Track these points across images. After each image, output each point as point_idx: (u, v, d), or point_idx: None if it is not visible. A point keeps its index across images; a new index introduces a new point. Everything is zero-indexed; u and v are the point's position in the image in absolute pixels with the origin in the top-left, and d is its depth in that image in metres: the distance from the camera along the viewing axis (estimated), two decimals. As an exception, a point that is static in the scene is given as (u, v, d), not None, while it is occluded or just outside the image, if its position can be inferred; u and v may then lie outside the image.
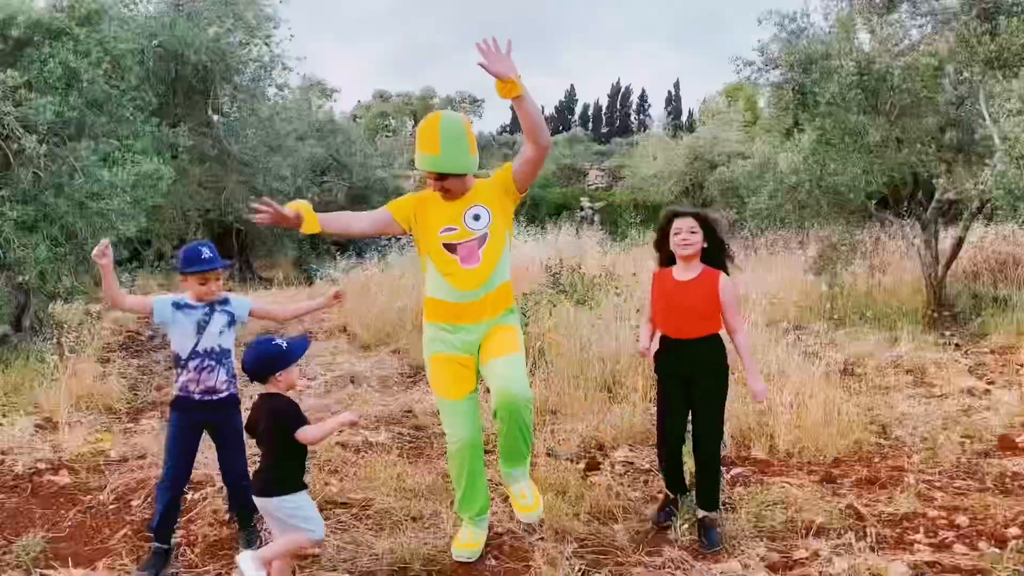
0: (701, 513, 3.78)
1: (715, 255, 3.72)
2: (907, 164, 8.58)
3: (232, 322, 3.64)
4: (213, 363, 3.55)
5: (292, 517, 3.13)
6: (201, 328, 3.54)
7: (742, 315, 3.88)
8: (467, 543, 3.61)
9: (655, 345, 3.86)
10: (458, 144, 3.37)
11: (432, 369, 3.60)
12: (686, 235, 3.64)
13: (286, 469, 3.15)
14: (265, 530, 3.72)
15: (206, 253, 3.54)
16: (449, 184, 3.45)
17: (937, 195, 9.02)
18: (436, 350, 3.58)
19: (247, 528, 3.75)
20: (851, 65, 8.24)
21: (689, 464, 4.10)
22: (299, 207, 3.39)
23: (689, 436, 3.87)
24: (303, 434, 3.11)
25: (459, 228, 3.48)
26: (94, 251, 3.34)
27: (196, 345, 3.54)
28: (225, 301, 3.65)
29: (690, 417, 3.79)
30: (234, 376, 3.66)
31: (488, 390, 3.54)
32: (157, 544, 3.55)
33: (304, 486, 3.21)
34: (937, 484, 4.42)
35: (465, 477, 3.56)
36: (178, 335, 3.55)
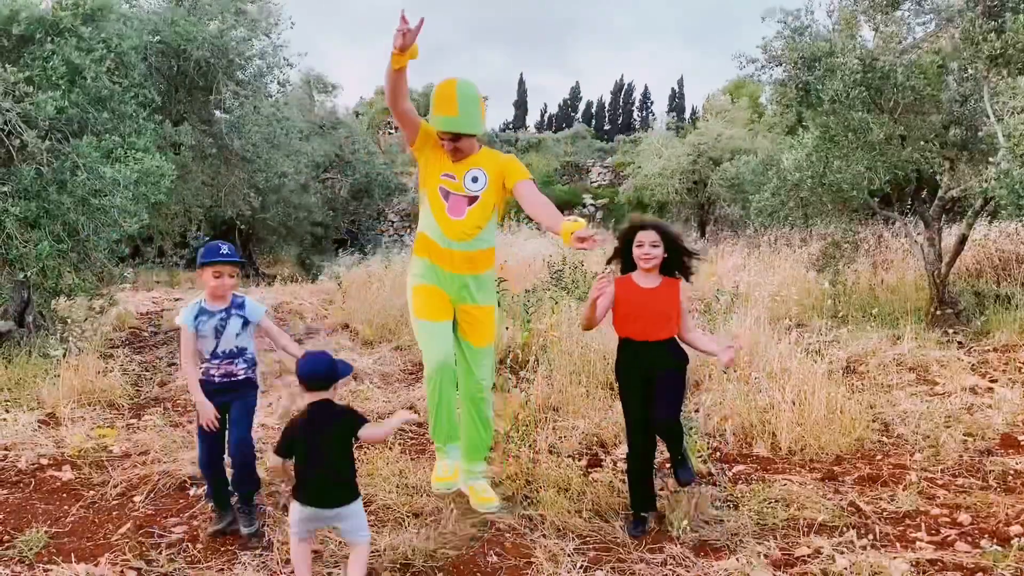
0: (677, 486, 3.97)
1: (673, 265, 3.85)
2: (910, 162, 8.56)
3: (246, 323, 3.87)
4: (232, 359, 3.84)
5: (360, 519, 3.23)
6: (219, 333, 3.81)
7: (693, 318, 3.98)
8: (443, 476, 3.86)
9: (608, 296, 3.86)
10: (474, 106, 3.68)
11: (416, 296, 3.84)
12: (648, 248, 3.78)
13: (354, 473, 3.26)
14: (264, 507, 4.10)
15: (223, 249, 3.81)
16: (462, 144, 3.74)
17: (940, 193, 8.99)
18: (423, 281, 3.87)
19: (248, 505, 3.90)
20: (854, 62, 8.22)
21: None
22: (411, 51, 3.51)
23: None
24: (367, 433, 3.21)
25: (457, 179, 3.80)
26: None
27: (216, 347, 3.82)
28: (241, 305, 3.88)
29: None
30: (254, 365, 3.94)
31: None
32: (218, 510, 3.94)
33: (295, 497, 3.24)
34: (939, 482, 4.41)
35: (438, 398, 3.78)
36: (200, 339, 3.82)
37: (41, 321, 7.92)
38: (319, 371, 3.21)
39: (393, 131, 36.57)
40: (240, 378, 3.86)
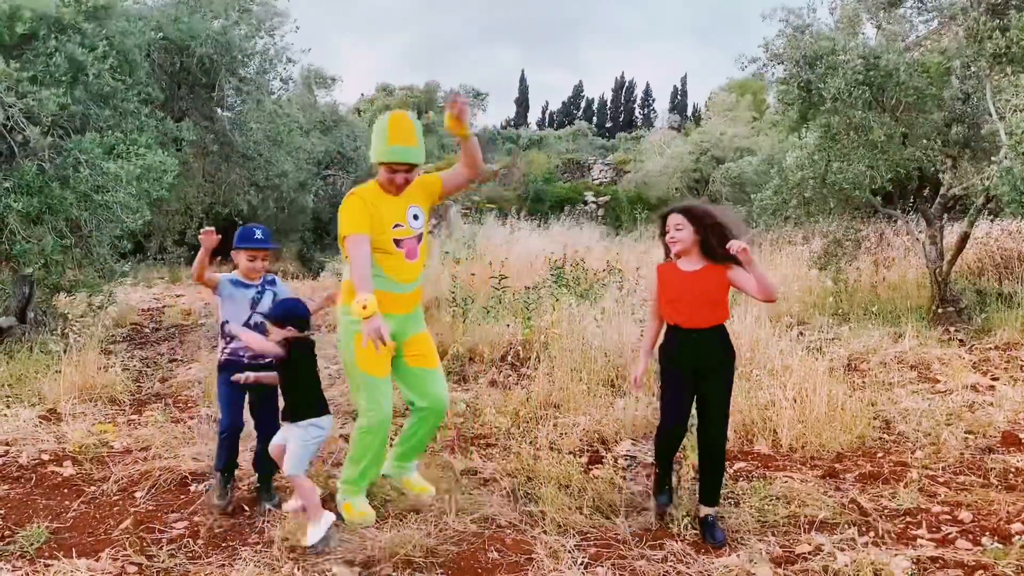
0: (704, 511, 3.77)
1: (713, 245, 3.64)
2: (912, 160, 8.55)
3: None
4: (259, 334, 3.94)
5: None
6: (255, 304, 4.11)
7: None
8: (363, 511, 3.81)
9: (653, 352, 3.94)
10: (422, 138, 3.75)
11: (356, 349, 3.72)
12: (673, 233, 3.73)
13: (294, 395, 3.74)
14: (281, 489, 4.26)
15: (258, 234, 4.13)
16: (413, 175, 3.80)
17: (942, 191, 8.99)
18: (359, 328, 3.71)
19: (266, 484, 4.24)
20: (857, 61, 8.21)
21: (692, 459, 4.11)
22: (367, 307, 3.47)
23: (692, 430, 3.87)
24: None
25: (404, 225, 3.77)
26: (202, 235, 3.94)
27: (250, 319, 4.09)
28: (273, 282, 4.23)
29: (695, 410, 3.79)
30: None
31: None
32: (221, 476, 4.15)
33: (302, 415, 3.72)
34: (940, 479, 4.41)
35: (374, 452, 3.78)
36: (232, 308, 4.10)
37: (42, 317, 7.93)
38: (285, 313, 3.77)
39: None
40: (268, 359, 3.94)
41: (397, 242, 3.75)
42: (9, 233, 6.54)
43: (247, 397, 4.16)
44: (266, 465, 4.15)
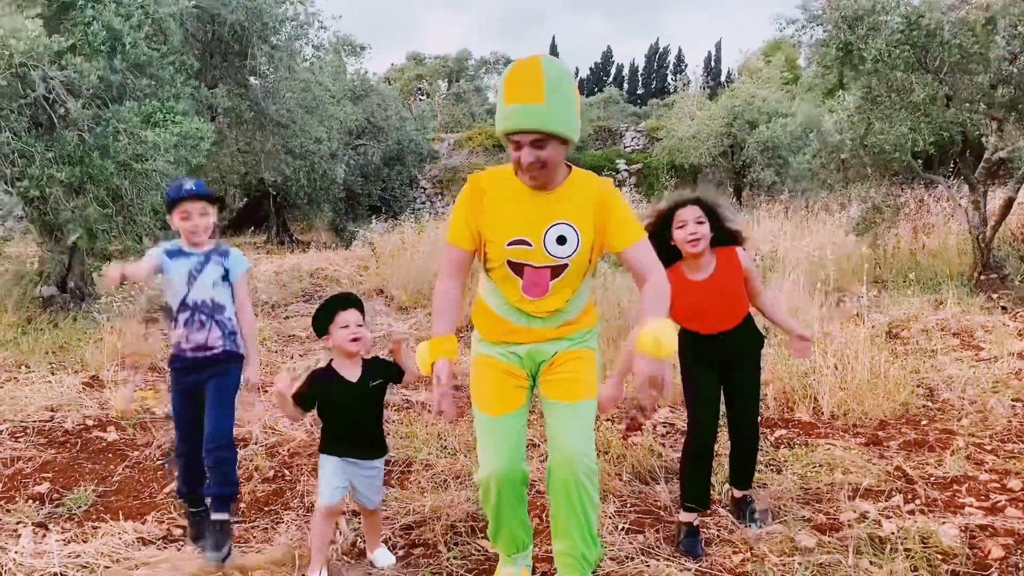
0: (739, 493, 3.58)
1: (722, 236, 3.25)
2: (956, 122, 8.35)
3: (226, 277, 3.25)
4: (204, 318, 3.18)
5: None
6: (192, 277, 3.17)
7: (763, 280, 3.56)
8: None
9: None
10: (568, 96, 2.45)
11: (474, 371, 2.86)
12: (693, 227, 3.13)
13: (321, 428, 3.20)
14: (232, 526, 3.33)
15: (186, 184, 3.21)
16: (548, 154, 2.46)
17: (987, 155, 8.77)
18: (483, 351, 2.86)
19: (221, 513, 3.15)
20: (899, 20, 8.01)
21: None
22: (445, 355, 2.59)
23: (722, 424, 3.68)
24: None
25: (534, 246, 2.59)
26: (105, 280, 3.09)
27: (186, 296, 3.17)
28: (224, 253, 3.27)
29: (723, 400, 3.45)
30: (232, 333, 3.25)
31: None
32: (190, 509, 3.36)
33: (327, 450, 3.13)
34: (988, 447, 4.33)
35: (497, 511, 2.77)
36: (170, 286, 3.19)
37: (83, 286, 8.04)
38: None
39: (424, 97, 36.48)
40: (217, 350, 3.20)
41: (515, 267, 2.62)
42: (53, 203, 6.61)
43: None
44: (220, 487, 3.15)
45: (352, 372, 3.12)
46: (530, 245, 2.59)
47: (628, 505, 3.75)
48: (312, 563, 3.07)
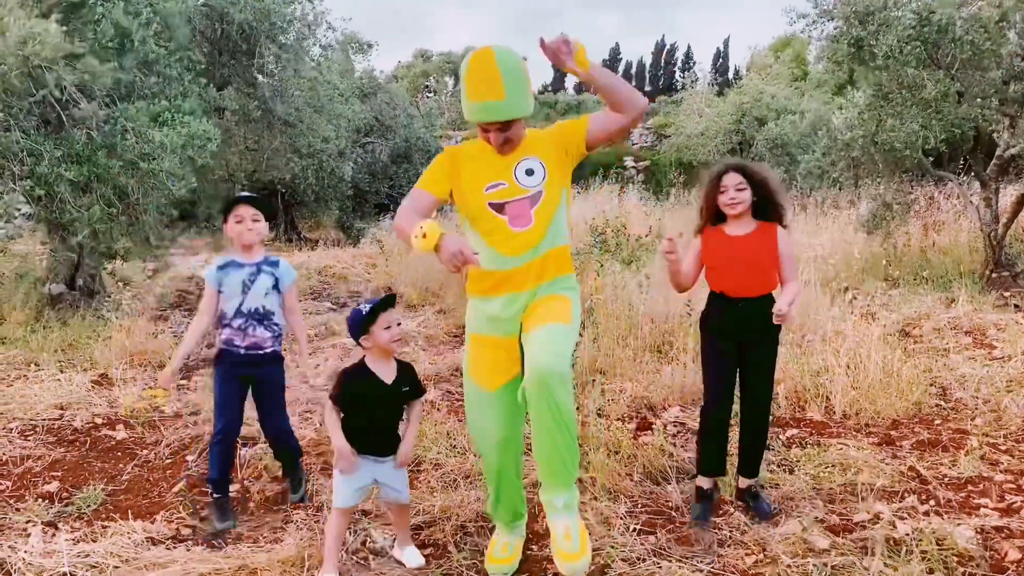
0: (745, 482, 3.64)
1: (765, 209, 3.47)
2: (967, 119, 8.28)
3: (276, 286, 3.62)
4: (255, 323, 3.57)
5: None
6: (246, 288, 3.55)
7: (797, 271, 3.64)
8: (499, 558, 3.14)
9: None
10: (522, 82, 2.83)
11: (470, 348, 3.15)
12: (733, 193, 3.41)
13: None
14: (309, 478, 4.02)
15: (243, 192, 3.70)
16: (512, 132, 2.91)
17: (999, 151, 8.70)
18: (475, 329, 3.13)
19: (293, 472, 3.86)
20: (910, 16, 7.95)
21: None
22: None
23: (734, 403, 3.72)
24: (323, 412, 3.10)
25: (508, 184, 2.96)
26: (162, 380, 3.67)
27: (241, 305, 3.55)
28: (275, 263, 3.65)
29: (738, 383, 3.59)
30: (279, 336, 3.66)
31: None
32: (217, 495, 3.62)
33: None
34: (1002, 447, 4.29)
35: (497, 479, 3.13)
36: (225, 295, 3.56)
37: (92, 284, 8.04)
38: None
39: (432, 95, 36.45)
40: (267, 350, 3.61)
41: (497, 207, 2.95)
42: (59, 202, 6.61)
43: (248, 392, 3.69)
44: (288, 455, 3.82)
45: (387, 372, 3.13)
46: (504, 184, 2.96)
47: (639, 506, 3.72)
48: (325, 563, 3.08)
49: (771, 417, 3.65)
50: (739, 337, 3.45)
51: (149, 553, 3.31)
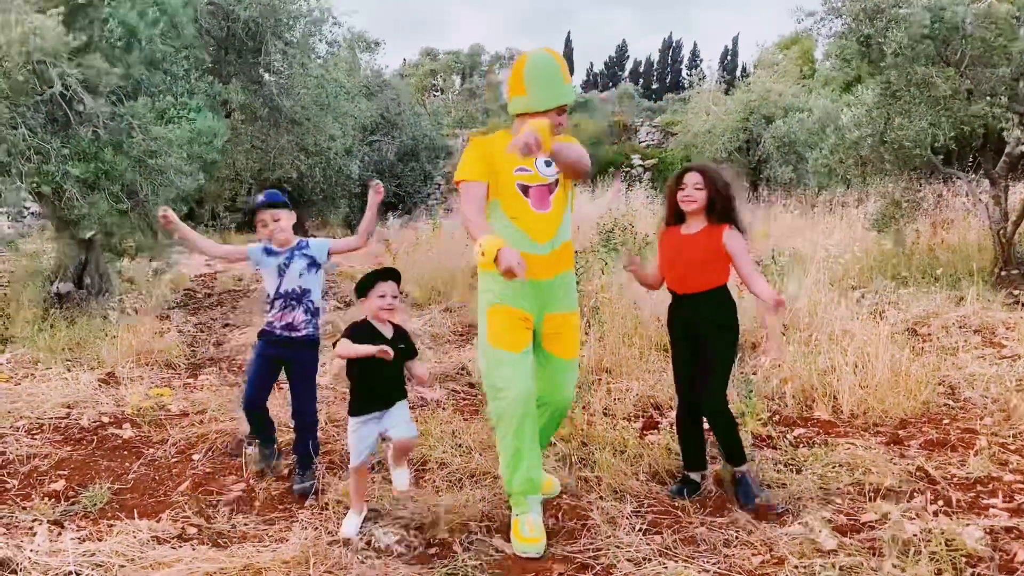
0: (729, 470, 3.77)
1: (720, 210, 3.63)
2: (978, 117, 8.23)
3: (313, 264, 3.94)
4: (294, 303, 3.90)
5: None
6: (282, 271, 3.90)
7: (756, 267, 3.72)
8: (528, 537, 3.29)
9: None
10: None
11: (491, 320, 3.41)
12: (690, 190, 3.63)
13: (351, 392, 3.49)
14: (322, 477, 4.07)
15: (259, 197, 3.97)
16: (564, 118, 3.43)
17: (1008, 149, 8.64)
18: (500, 299, 3.40)
19: (305, 470, 3.95)
20: (921, 13, 7.89)
21: (750, 425, 4.01)
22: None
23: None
24: (337, 348, 3.37)
25: (532, 171, 3.40)
26: (160, 219, 3.87)
27: (279, 287, 3.90)
28: (305, 245, 3.97)
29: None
30: (315, 314, 3.97)
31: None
32: (262, 445, 4.15)
33: (357, 412, 3.45)
34: (1012, 447, 4.25)
35: (520, 441, 3.34)
36: (266, 278, 3.96)
37: (99, 282, 8.05)
38: None
39: (439, 93, 36.45)
40: (301, 333, 3.90)
41: (523, 188, 3.38)
42: (67, 200, 6.61)
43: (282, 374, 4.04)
44: (306, 448, 3.95)
45: (386, 331, 3.47)
46: (529, 171, 3.40)
47: (645, 505, 3.71)
48: (352, 505, 3.54)
49: (726, 405, 3.66)
50: (690, 332, 3.69)
51: (154, 552, 3.30)
